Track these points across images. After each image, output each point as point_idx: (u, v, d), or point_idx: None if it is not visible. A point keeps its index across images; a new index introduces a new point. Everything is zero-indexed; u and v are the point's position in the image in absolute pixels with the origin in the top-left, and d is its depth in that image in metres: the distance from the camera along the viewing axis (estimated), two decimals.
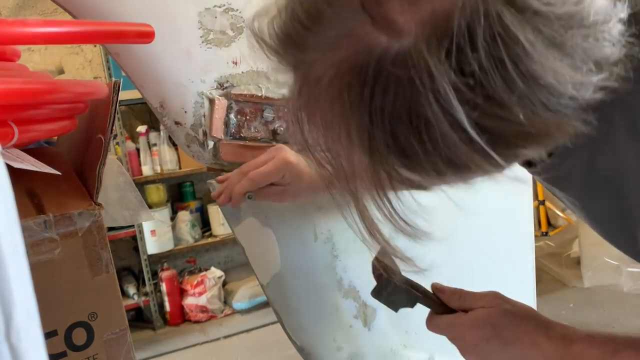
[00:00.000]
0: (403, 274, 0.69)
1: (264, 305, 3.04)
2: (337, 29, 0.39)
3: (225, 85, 0.89)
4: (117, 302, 0.69)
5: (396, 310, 0.70)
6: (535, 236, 1.24)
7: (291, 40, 0.42)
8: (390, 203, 0.44)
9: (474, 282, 0.77)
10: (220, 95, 0.88)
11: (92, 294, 0.66)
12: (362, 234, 0.48)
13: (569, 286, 2.94)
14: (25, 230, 0.60)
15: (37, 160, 0.56)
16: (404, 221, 0.46)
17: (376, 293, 0.69)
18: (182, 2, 0.85)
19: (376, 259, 0.69)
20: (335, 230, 0.99)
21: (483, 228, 1.12)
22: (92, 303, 0.66)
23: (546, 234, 3.52)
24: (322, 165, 0.45)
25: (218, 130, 0.89)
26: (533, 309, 0.66)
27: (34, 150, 0.75)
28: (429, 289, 0.70)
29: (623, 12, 0.41)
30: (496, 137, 0.39)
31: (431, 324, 0.69)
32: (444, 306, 0.69)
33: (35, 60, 2.65)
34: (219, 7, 0.85)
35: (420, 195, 0.48)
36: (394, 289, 0.68)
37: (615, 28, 0.41)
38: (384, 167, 0.42)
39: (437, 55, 0.36)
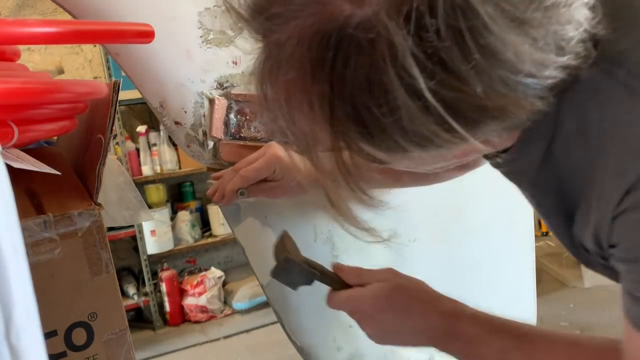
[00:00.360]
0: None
1: (264, 305, 3.04)
2: None
3: (225, 85, 0.89)
4: (117, 302, 0.69)
5: (295, 288, 0.73)
6: (535, 236, 1.24)
7: (258, 8, 0.42)
8: (349, 173, 0.44)
9: (474, 282, 0.78)
10: (220, 95, 0.88)
11: (92, 294, 0.66)
12: (326, 203, 0.48)
13: (569, 286, 2.94)
14: (25, 230, 0.60)
15: (37, 160, 0.56)
16: (362, 191, 0.46)
17: (275, 273, 0.71)
18: (182, 2, 0.85)
19: (277, 240, 0.73)
20: (336, 230, 0.99)
21: (483, 228, 1.12)
22: (92, 303, 0.66)
23: (546, 234, 3.52)
24: (285, 134, 0.45)
25: (218, 130, 0.89)
26: (425, 284, 0.70)
27: (34, 150, 0.75)
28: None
29: None
30: (454, 110, 0.39)
31: (330, 300, 0.72)
32: (343, 283, 0.71)
33: (35, 60, 2.65)
34: (219, 7, 0.85)
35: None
36: (292, 268, 0.70)
37: (580, 12, 0.41)
38: (345, 138, 0.42)
39: (396, 22, 0.36)
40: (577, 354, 0.59)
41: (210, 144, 0.91)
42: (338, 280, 0.72)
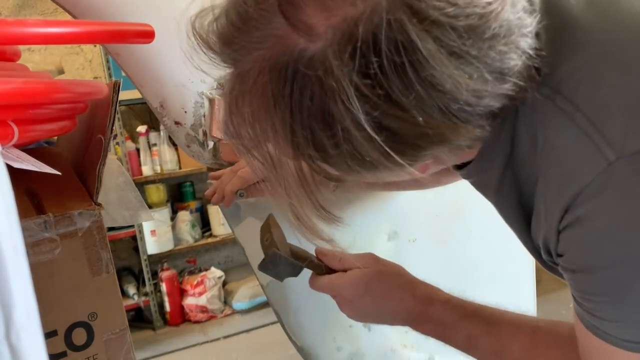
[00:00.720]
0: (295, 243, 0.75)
1: (264, 305, 3.04)
2: (261, 30, 0.42)
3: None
4: (117, 302, 0.69)
5: (281, 280, 0.76)
6: None
7: (225, 39, 0.45)
8: (311, 191, 0.48)
9: (474, 282, 0.78)
10: (220, 95, 0.88)
11: (92, 294, 0.66)
12: (289, 218, 0.52)
13: (569, 286, 2.94)
14: (25, 230, 0.60)
15: (37, 160, 0.56)
16: (323, 208, 0.50)
17: (262, 267, 0.74)
18: (182, 2, 0.85)
19: (264, 224, 0.76)
20: (336, 230, 0.99)
21: (483, 228, 1.12)
22: (92, 303, 0.66)
23: None
24: (252, 156, 0.48)
25: (218, 130, 0.89)
26: (403, 269, 0.75)
27: (34, 150, 0.75)
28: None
29: (531, 26, 0.44)
30: (398, 137, 0.42)
31: (313, 284, 0.76)
32: (326, 268, 0.76)
33: (35, 60, 2.65)
34: (219, 7, 0.85)
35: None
36: (279, 262, 0.73)
37: (523, 41, 0.43)
38: (305, 159, 0.46)
39: (342, 58, 0.39)
40: (539, 339, 0.64)
41: (210, 144, 0.91)
42: (321, 265, 0.76)
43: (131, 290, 3.06)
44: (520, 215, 0.55)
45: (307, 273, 0.77)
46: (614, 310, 0.48)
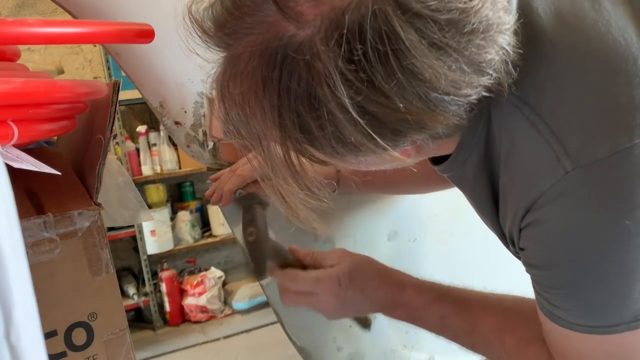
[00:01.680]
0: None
1: (264, 305, 3.04)
2: (253, 16, 0.44)
3: None
4: (117, 302, 0.68)
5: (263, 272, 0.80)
6: None
7: (219, 24, 0.47)
8: (297, 172, 0.50)
9: (474, 282, 0.78)
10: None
11: (92, 294, 0.66)
12: (279, 201, 0.54)
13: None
14: (25, 230, 0.60)
15: (37, 160, 0.56)
16: (308, 188, 0.51)
17: (249, 267, 0.81)
18: (182, 2, 0.85)
19: (246, 212, 0.80)
20: (337, 230, 0.99)
21: (483, 228, 1.12)
22: (92, 303, 0.66)
23: None
24: (242, 137, 0.50)
25: (218, 130, 0.89)
26: (373, 259, 0.80)
27: (34, 150, 0.75)
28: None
29: (509, 24, 0.46)
30: (379, 121, 0.44)
31: (297, 278, 0.79)
32: (301, 265, 0.80)
33: (35, 60, 2.65)
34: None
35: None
36: (263, 266, 0.78)
37: (501, 37, 0.45)
38: (292, 141, 0.47)
39: (329, 44, 0.41)
40: (507, 319, 0.68)
41: (210, 144, 0.91)
42: (297, 264, 0.80)
43: (131, 290, 3.06)
44: (494, 210, 0.59)
45: None
46: (566, 301, 0.54)
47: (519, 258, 0.60)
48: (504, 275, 1.17)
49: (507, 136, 0.53)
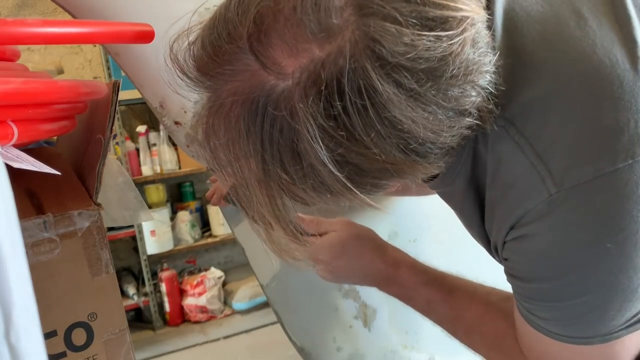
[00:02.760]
0: None
1: (264, 305, 3.04)
2: (234, 65, 0.45)
3: None
4: (117, 302, 0.68)
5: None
6: None
7: (200, 67, 0.47)
8: (281, 211, 0.50)
9: (475, 281, 0.78)
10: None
11: (92, 294, 0.66)
12: (261, 235, 0.55)
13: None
14: (25, 230, 0.60)
15: (37, 160, 0.55)
16: (293, 226, 0.52)
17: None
18: (182, 2, 0.85)
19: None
20: None
21: None
22: (91, 303, 0.66)
23: None
24: (227, 177, 0.51)
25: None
26: (374, 233, 0.81)
27: (34, 150, 0.75)
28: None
29: (490, 65, 0.46)
30: (360, 170, 0.45)
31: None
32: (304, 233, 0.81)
33: (35, 60, 2.65)
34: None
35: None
36: None
37: (482, 78, 0.45)
38: (276, 184, 0.48)
39: (307, 101, 0.42)
40: (490, 309, 0.71)
41: None
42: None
43: (131, 290, 3.06)
44: (481, 223, 0.60)
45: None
46: (545, 312, 0.56)
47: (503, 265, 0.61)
48: (504, 275, 1.17)
49: (494, 156, 0.53)
